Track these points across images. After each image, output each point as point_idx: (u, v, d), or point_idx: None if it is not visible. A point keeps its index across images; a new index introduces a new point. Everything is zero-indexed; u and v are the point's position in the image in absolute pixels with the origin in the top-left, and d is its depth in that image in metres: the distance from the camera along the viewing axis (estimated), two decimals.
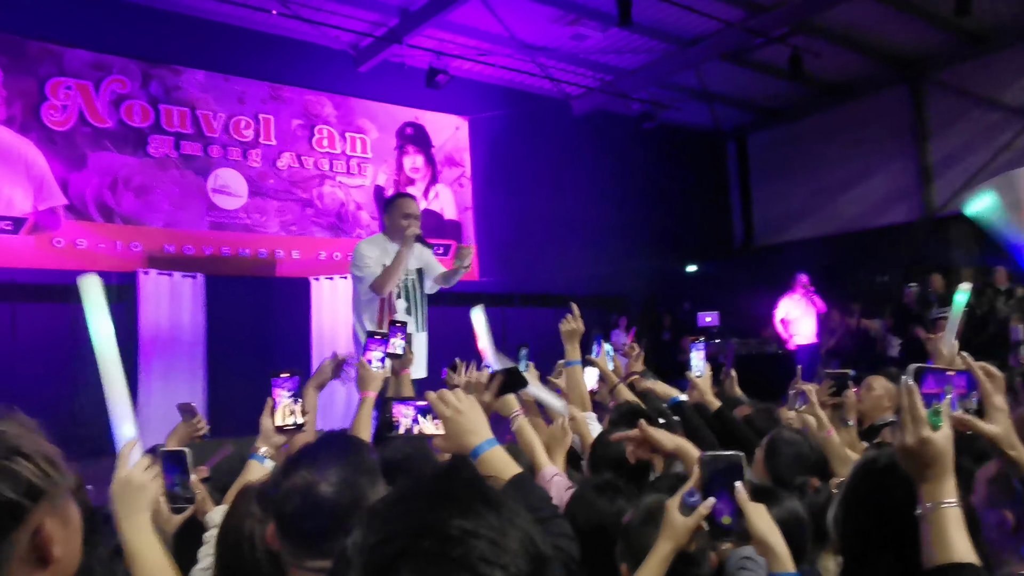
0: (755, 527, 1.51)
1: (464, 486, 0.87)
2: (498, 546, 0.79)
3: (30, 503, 0.99)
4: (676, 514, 1.56)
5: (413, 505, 0.85)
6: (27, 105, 7.90)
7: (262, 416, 2.19)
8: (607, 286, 12.00)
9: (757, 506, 1.54)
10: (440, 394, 1.70)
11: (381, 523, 0.83)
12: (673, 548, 1.55)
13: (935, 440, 1.28)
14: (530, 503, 1.54)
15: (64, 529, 1.04)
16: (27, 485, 0.99)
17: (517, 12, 9.60)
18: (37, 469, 1.01)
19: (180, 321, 7.95)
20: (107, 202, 8.25)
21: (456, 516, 0.81)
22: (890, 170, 12.66)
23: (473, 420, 1.67)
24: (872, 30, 10.81)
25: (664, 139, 12.88)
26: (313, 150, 9.73)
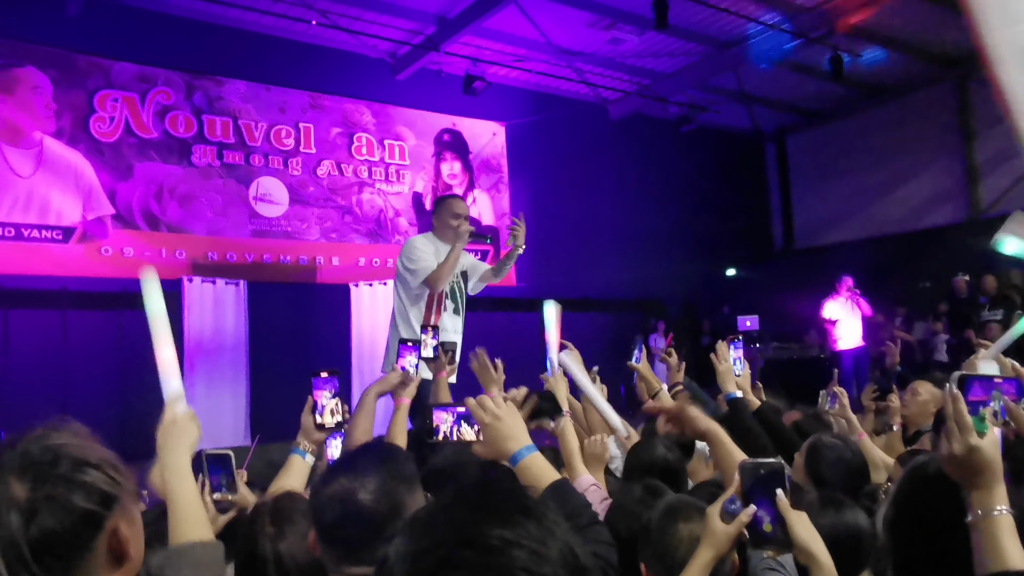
0: (797, 535, 1.48)
1: (505, 497, 0.88)
2: (538, 556, 0.80)
3: (105, 510, 1.05)
4: (717, 521, 1.54)
5: (455, 515, 0.86)
6: (76, 118, 8.12)
7: (303, 413, 2.23)
8: (645, 290, 11.94)
9: (799, 514, 1.51)
10: (479, 400, 1.70)
11: (423, 532, 0.84)
12: (714, 556, 1.52)
13: (983, 447, 1.26)
14: (569, 510, 1.54)
15: (132, 528, 1.11)
16: (100, 494, 1.06)
17: (553, 18, 9.61)
18: (107, 477, 1.07)
19: (223, 327, 8.09)
20: (153, 211, 8.44)
21: (497, 526, 0.82)
22: (934, 171, 12.42)
23: (512, 426, 1.67)
24: (915, 28, 10.62)
25: (702, 142, 12.78)
26: (352, 158, 9.84)
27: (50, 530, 1.01)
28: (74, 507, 1.03)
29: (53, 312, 7.61)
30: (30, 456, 1.05)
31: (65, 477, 1.04)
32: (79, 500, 1.03)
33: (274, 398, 6.77)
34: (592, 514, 1.59)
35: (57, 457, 1.06)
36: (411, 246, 4.52)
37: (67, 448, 1.07)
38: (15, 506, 1.01)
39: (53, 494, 1.02)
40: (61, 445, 1.08)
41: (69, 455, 1.06)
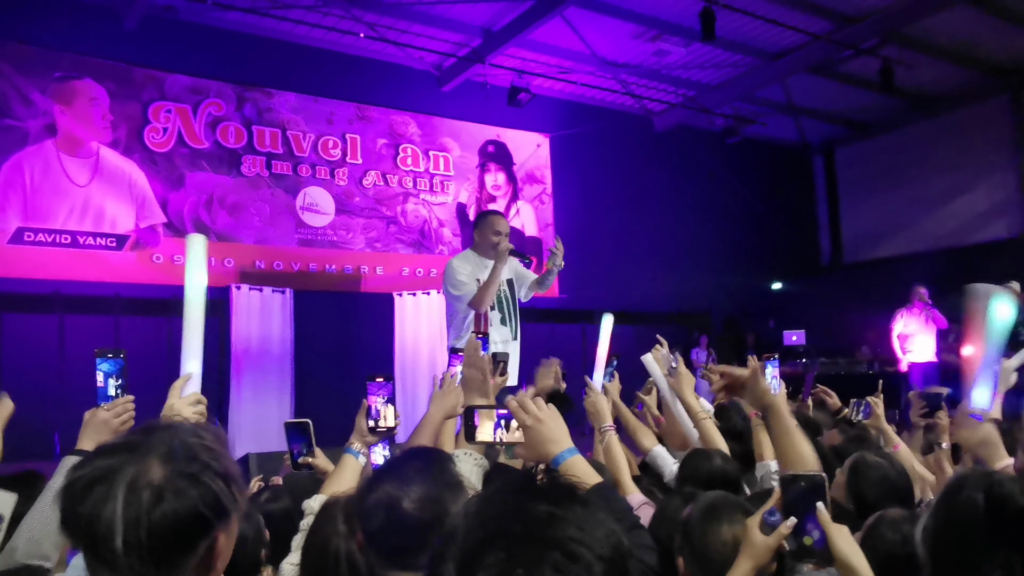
0: (838, 549, 1.47)
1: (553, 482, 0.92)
2: (584, 532, 0.83)
3: (215, 520, 1.09)
4: (757, 533, 1.54)
5: (506, 496, 0.90)
6: (131, 128, 8.34)
7: (358, 415, 2.29)
8: (688, 303, 11.84)
9: (840, 527, 1.51)
10: (521, 402, 1.70)
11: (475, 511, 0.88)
12: (754, 567, 1.52)
13: None
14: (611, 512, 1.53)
15: (228, 542, 1.14)
16: (216, 502, 1.09)
17: (599, 30, 9.63)
18: (227, 490, 1.11)
19: (270, 335, 8.22)
20: (203, 220, 8.62)
21: (545, 504, 0.86)
22: (989, 184, 12.12)
23: (554, 429, 1.67)
24: (969, 39, 10.41)
25: (748, 154, 12.66)
26: (398, 168, 9.94)
27: (170, 518, 1.05)
28: (193, 505, 1.06)
29: (106, 318, 7.80)
30: (175, 446, 1.10)
31: (196, 476, 1.08)
32: (199, 501, 1.07)
33: (318, 405, 6.84)
34: (634, 518, 1.59)
35: (195, 454, 1.10)
36: (451, 270, 4.64)
37: (206, 450, 1.12)
38: (149, 486, 1.05)
39: (183, 486, 1.06)
40: (203, 446, 1.12)
41: (205, 457, 1.11)
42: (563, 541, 0.82)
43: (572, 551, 0.81)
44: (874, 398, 3.00)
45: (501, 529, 0.84)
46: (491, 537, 0.83)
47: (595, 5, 8.98)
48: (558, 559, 0.81)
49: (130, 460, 1.07)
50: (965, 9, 9.40)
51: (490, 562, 0.81)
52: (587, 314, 10.43)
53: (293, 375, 8.21)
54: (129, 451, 1.08)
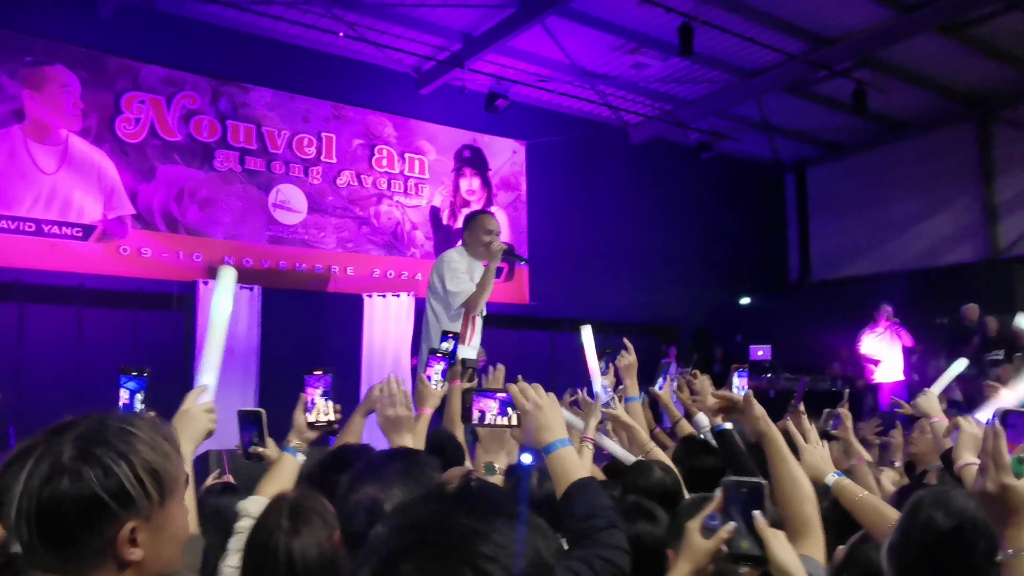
0: (774, 554, 1.50)
1: (483, 495, 0.92)
2: (502, 548, 0.83)
3: (117, 507, 1.06)
4: (696, 536, 1.57)
5: (436, 505, 0.91)
6: (103, 117, 8.22)
7: (295, 411, 2.25)
8: (658, 314, 11.92)
9: (777, 533, 1.54)
10: (522, 387, 1.73)
11: (404, 516, 0.89)
12: (692, 569, 1.55)
13: (1017, 488, 1.25)
14: (590, 509, 1.55)
15: (154, 537, 1.10)
16: (119, 489, 1.07)
17: (578, 40, 9.68)
18: (135, 479, 1.08)
19: (236, 331, 8.12)
20: (173, 213, 8.51)
21: (470, 517, 0.86)
22: (954, 208, 12.37)
23: (551, 417, 1.69)
24: (939, 66, 10.62)
25: (722, 169, 12.80)
26: (372, 169, 9.91)
27: (60, 497, 1.04)
28: (88, 488, 1.05)
29: (69, 308, 7.68)
30: (91, 429, 1.10)
31: (98, 458, 1.07)
32: (95, 484, 1.05)
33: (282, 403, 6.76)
34: (612, 517, 1.59)
35: (107, 439, 1.09)
36: (449, 265, 4.49)
37: (126, 437, 1.10)
38: (51, 462, 1.05)
39: (80, 468, 1.05)
40: (124, 432, 1.11)
41: (119, 443, 1.09)
42: (476, 557, 0.82)
43: (482, 568, 0.82)
44: (844, 410, 3.05)
45: (416, 540, 0.85)
46: (406, 548, 0.84)
47: (576, 15, 9.03)
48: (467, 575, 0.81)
49: (51, 439, 1.08)
50: (936, 38, 9.60)
51: (402, 572, 0.82)
52: (557, 322, 10.47)
53: (258, 373, 8.14)
54: (55, 432, 1.09)
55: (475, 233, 4.58)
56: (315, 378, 2.29)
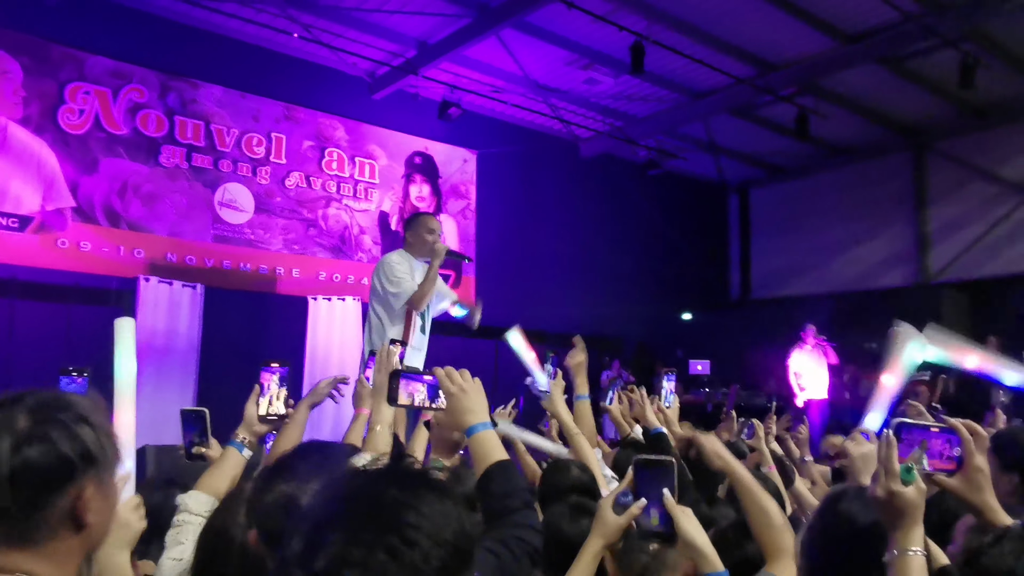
0: (682, 529, 1.58)
1: (408, 469, 0.97)
2: (426, 517, 0.87)
3: (83, 466, 1.11)
4: (609, 512, 1.64)
5: (352, 480, 0.94)
6: (45, 107, 8.02)
7: (247, 403, 2.20)
8: (602, 327, 12.05)
9: (685, 509, 1.61)
10: (448, 372, 1.78)
11: (321, 496, 0.93)
12: (603, 545, 1.63)
13: (904, 493, 1.34)
14: (507, 489, 1.59)
15: (103, 503, 1.15)
16: (84, 449, 1.11)
17: (533, 53, 9.79)
18: (97, 439, 1.13)
19: (176, 330, 8.00)
20: (115, 207, 8.34)
21: (392, 488, 0.90)
22: (889, 234, 12.81)
23: (475, 400, 1.74)
24: (879, 96, 11.03)
25: (668, 187, 13.04)
26: (322, 172, 9.85)
27: (31, 463, 1.07)
28: (58, 449, 1.09)
29: (0, 300, 7.45)
30: (43, 398, 1.14)
31: (62, 422, 1.11)
32: (65, 446, 1.09)
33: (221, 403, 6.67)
34: (527, 499, 1.63)
35: (65, 405, 1.13)
36: (389, 265, 4.54)
37: (77, 403, 1.15)
38: (12, 433, 1.08)
39: (47, 432, 1.09)
40: (74, 400, 1.16)
41: (76, 408, 1.14)
42: (402, 526, 0.85)
43: (409, 537, 0.85)
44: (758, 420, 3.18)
45: (344, 511, 0.88)
46: (334, 519, 0.87)
47: (531, 29, 9.15)
48: (394, 543, 0.84)
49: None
50: (877, 69, 9.96)
51: (330, 542, 0.85)
52: (501, 331, 10.49)
53: (197, 372, 8.01)
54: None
55: (417, 233, 4.65)
56: (271, 369, 2.27)
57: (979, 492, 1.45)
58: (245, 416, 2.19)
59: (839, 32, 9.26)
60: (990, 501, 1.45)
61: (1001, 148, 11.41)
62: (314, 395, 2.57)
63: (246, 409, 2.20)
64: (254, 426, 2.18)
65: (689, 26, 9.06)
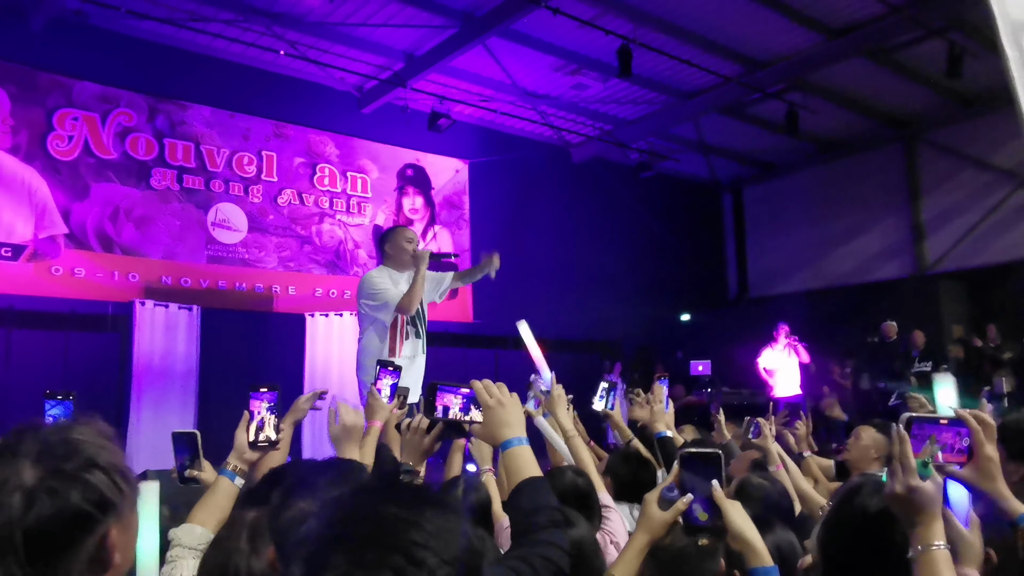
0: (732, 523, 1.53)
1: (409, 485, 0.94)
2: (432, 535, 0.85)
3: (101, 515, 1.05)
4: (654, 507, 1.61)
5: (353, 499, 0.92)
6: (33, 134, 8.01)
7: (237, 430, 2.15)
8: (601, 332, 12.04)
9: (734, 503, 1.56)
10: (486, 384, 1.75)
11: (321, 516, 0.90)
12: (649, 540, 1.59)
13: (923, 488, 1.34)
14: (535, 506, 1.56)
15: (125, 535, 1.11)
16: (100, 497, 1.06)
17: (520, 61, 9.80)
18: (111, 482, 1.07)
19: (174, 352, 7.96)
20: (107, 232, 8.32)
21: (394, 506, 0.87)
22: (883, 227, 12.82)
23: (512, 414, 1.72)
24: (867, 90, 11.05)
25: (661, 189, 13.06)
26: (314, 188, 9.84)
27: (45, 520, 1.02)
28: (72, 504, 1.03)
29: None
30: (48, 445, 1.07)
31: (72, 473, 1.05)
32: (77, 498, 1.04)
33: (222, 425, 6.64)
34: (556, 517, 1.58)
35: (71, 452, 1.07)
36: (369, 282, 4.58)
37: (84, 445, 1.08)
38: (20, 489, 1.02)
39: (57, 486, 1.03)
40: (79, 441, 1.09)
41: (83, 452, 1.07)
42: (406, 545, 0.83)
43: (416, 556, 0.83)
44: (763, 419, 3.17)
45: (346, 532, 0.86)
46: (336, 539, 0.85)
47: (517, 37, 9.15)
48: (399, 563, 0.82)
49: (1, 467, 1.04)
50: (864, 62, 9.99)
51: (333, 564, 0.83)
52: (501, 340, 10.50)
53: (197, 394, 7.98)
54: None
55: (396, 244, 4.65)
56: (260, 394, 2.21)
57: (991, 481, 1.44)
58: (235, 444, 2.13)
59: (825, 27, 9.29)
60: (1002, 489, 1.44)
61: (991, 136, 11.42)
62: (295, 412, 2.52)
63: (236, 436, 2.14)
64: (245, 453, 2.12)
65: (675, 27, 9.08)
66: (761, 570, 1.50)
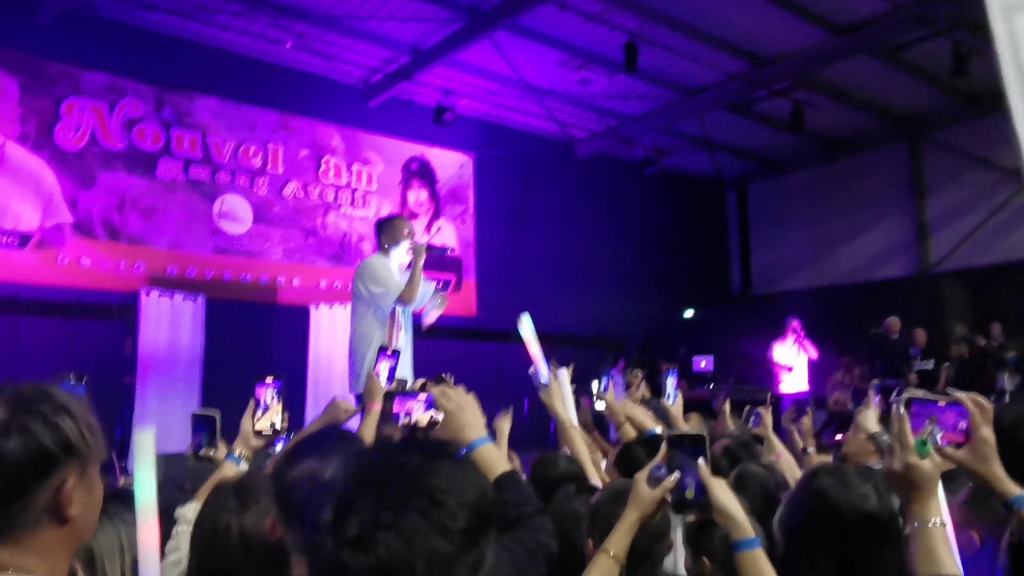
0: (717, 498, 1.64)
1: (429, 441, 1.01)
2: (450, 481, 0.92)
3: (63, 457, 1.09)
4: (644, 486, 1.70)
5: (380, 450, 1.00)
6: (41, 124, 8.05)
7: (243, 418, 2.24)
8: (604, 327, 12.06)
9: (718, 480, 1.67)
10: (443, 389, 1.83)
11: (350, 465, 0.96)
12: (639, 517, 1.68)
13: (920, 466, 1.38)
14: (516, 498, 1.65)
15: (86, 495, 1.13)
16: (65, 441, 1.09)
17: (526, 55, 9.80)
18: (77, 430, 1.11)
19: (179, 342, 8.01)
20: (113, 222, 8.36)
21: (415, 456, 0.94)
22: (887, 225, 12.81)
23: (472, 416, 1.79)
24: (872, 88, 11.03)
25: (666, 185, 13.06)
26: (319, 180, 9.87)
27: (9, 455, 1.06)
28: (37, 441, 1.07)
29: (3, 318, 7.47)
30: (21, 390, 1.13)
31: (42, 413, 1.09)
32: (43, 437, 1.08)
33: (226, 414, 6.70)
34: (538, 506, 1.69)
35: (44, 396, 1.12)
36: (371, 268, 4.60)
37: (56, 394, 1.14)
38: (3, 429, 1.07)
39: (26, 423, 1.08)
40: (54, 392, 1.14)
41: (55, 399, 1.12)
42: (430, 489, 0.90)
43: (437, 498, 0.89)
44: (763, 408, 3.21)
45: (374, 477, 0.92)
46: (365, 484, 0.91)
47: (523, 31, 9.16)
48: (424, 504, 0.89)
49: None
50: (869, 60, 9.97)
51: (361, 506, 0.89)
52: (503, 334, 10.51)
53: (201, 383, 8.03)
54: None
55: (394, 235, 4.71)
56: (265, 384, 2.30)
57: (987, 463, 1.45)
58: (241, 431, 2.24)
59: (831, 24, 9.27)
60: (998, 472, 1.46)
61: (997, 135, 11.29)
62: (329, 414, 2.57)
63: (242, 424, 2.24)
64: (250, 440, 2.22)
65: (681, 23, 9.08)
66: (744, 541, 1.59)
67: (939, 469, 1.39)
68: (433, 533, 0.88)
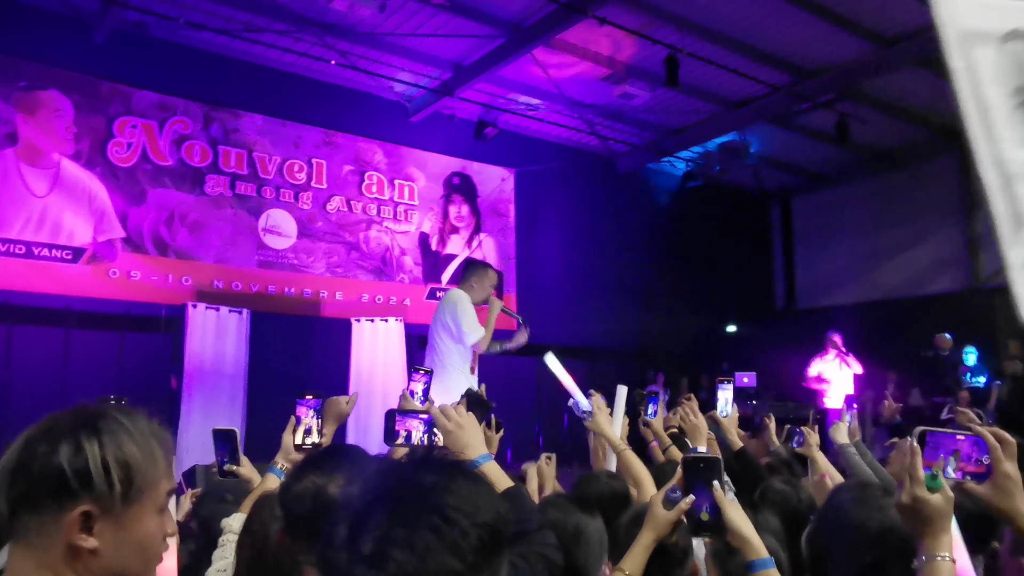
0: (731, 520, 1.65)
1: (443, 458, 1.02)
2: (464, 499, 0.93)
3: (77, 486, 1.06)
4: (659, 508, 1.72)
5: (394, 468, 1.00)
6: (95, 141, 8.29)
7: (284, 432, 2.33)
8: (645, 342, 11.99)
9: (733, 502, 1.68)
10: (443, 409, 1.85)
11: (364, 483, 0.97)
12: (655, 538, 1.70)
13: (930, 500, 1.36)
14: (519, 514, 1.64)
15: (115, 532, 1.09)
16: (82, 469, 1.07)
17: (566, 70, 9.83)
18: (100, 464, 1.08)
19: (224, 354, 8.15)
20: (162, 236, 8.56)
21: (430, 474, 0.95)
22: (937, 239, 12.54)
23: (472, 435, 1.82)
24: (920, 99, 10.83)
25: (708, 199, 12.95)
26: (362, 195, 9.99)
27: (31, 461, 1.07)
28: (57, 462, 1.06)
29: (57, 330, 7.68)
30: (93, 410, 1.13)
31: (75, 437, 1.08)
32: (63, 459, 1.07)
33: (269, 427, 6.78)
34: (542, 520, 1.69)
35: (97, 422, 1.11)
36: (466, 306, 5.02)
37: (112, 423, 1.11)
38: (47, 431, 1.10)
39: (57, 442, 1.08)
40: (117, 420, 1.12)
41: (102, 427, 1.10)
42: (443, 507, 0.91)
43: (450, 517, 0.90)
44: (808, 427, 3.16)
45: (388, 494, 0.93)
46: (378, 501, 0.92)
47: (563, 46, 9.19)
48: (436, 522, 0.90)
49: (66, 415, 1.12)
50: (917, 71, 9.79)
51: (375, 523, 0.90)
52: (543, 348, 10.49)
53: (245, 395, 8.16)
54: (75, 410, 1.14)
55: (483, 283, 5.17)
56: (306, 401, 2.38)
57: (1009, 499, 1.42)
58: (283, 445, 2.33)
59: (876, 36, 9.15)
60: (1021, 508, 1.42)
61: None
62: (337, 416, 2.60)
63: (283, 438, 2.34)
64: (291, 454, 2.30)
65: (722, 36, 9.03)
66: (759, 562, 1.61)
67: (950, 504, 1.37)
68: (445, 551, 0.89)
